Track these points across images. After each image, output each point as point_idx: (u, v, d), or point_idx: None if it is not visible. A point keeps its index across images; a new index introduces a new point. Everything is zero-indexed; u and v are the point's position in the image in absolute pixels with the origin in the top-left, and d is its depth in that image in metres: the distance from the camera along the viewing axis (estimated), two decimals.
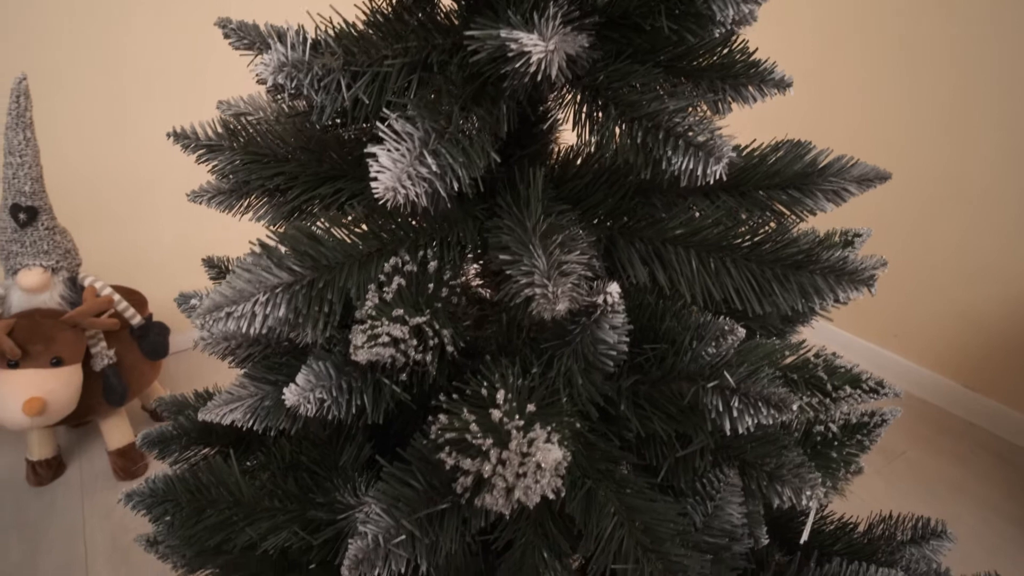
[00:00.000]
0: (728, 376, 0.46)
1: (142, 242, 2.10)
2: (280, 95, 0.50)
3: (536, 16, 0.43)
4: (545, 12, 0.43)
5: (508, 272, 0.45)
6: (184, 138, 0.59)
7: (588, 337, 0.45)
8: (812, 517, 0.49)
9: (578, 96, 0.55)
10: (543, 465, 0.35)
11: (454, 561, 0.58)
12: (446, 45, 0.52)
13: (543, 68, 0.42)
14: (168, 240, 2.13)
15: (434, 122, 0.46)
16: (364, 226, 0.50)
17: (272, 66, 0.46)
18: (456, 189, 0.46)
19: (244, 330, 0.41)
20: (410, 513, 0.47)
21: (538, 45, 0.41)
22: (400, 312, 0.43)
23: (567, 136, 0.65)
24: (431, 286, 0.47)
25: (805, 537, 0.51)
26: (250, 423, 0.53)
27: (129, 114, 1.89)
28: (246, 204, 0.62)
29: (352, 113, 0.51)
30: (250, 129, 0.58)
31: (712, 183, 0.58)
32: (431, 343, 0.46)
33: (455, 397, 0.44)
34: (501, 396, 0.40)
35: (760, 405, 0.45)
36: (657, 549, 0.48)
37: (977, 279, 1.93)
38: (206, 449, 0.67)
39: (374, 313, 0.43)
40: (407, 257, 0.48)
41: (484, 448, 0.37)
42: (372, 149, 0.44)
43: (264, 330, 0.42)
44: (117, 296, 1.59)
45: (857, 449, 0.73)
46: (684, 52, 0.53)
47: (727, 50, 0.53)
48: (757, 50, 0.56)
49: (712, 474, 0.52)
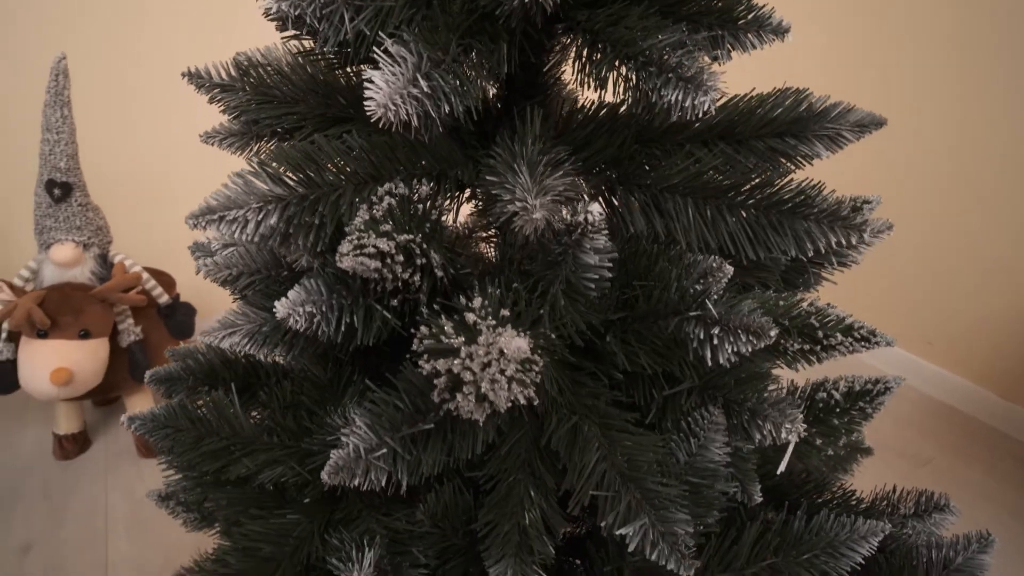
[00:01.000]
0: (710, 306, 0.46)
1: (173, 225, 2.15)
2: (285, 28, 0.52)
3: None
4: None
5: (494, 193, 0.46)
6: (198, 78, 0.61)
7: (571, 260, 0.46)
8: (790, 450, 0.49)
9: (578, 40, 0.56)
10: (505, 351, 0.36)
11: (443, 498, 0.59)
12: None
13: None
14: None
15: (431, 50, 0.47)
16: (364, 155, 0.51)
17: None
18: (449, 113, 0.48)
19: (236, 235, 0.43)
20: (392, 431, 0.48)
21: None
22: (388, 228, 0.45)
23: (574, 91, 0.66)
24: (423, 210, 0.48)
25: (782, 468, 0.51)
26: (247, 347, 0.55)
27: (165, 98, 1.93)
28: (256, 147, 0.64)
29: (355, 47, 0.52)
30: (260, 71, 0.60)
31: (708, 129, 0.59)
32: (418, 262, 0.47)
33: (436, 308, 0.45)
34: (478, 302, 0.41)
35: (740, 333, 0.45)
36: (636, 478, 0.48)
37: (1016, 288, 1.89)
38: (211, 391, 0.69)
39: (362, 227, 0.44)
40: (403, 185, 0.49)
41: (455, 346, 0.38)
42: (368, 72, 0.45)
43: (256, 238, 0.44)
44: (146, 274, 1.63)
45: (860, 417, 0.73)
46: None
47: None
48: None
49: (697, 413, 0.53)
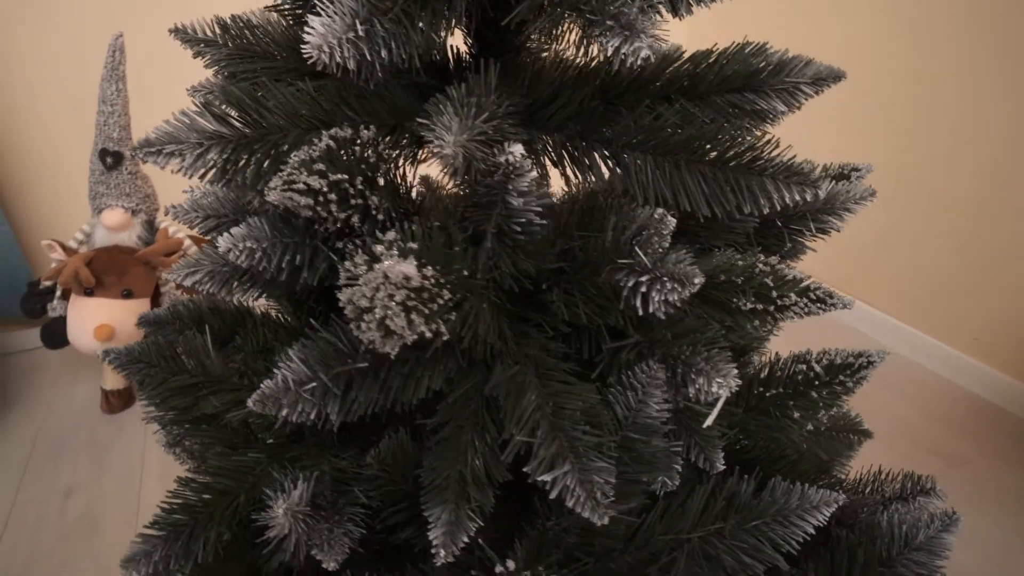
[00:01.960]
0: (640, 253, 0.46)
1: None
2: None
3: None
4: None
5: (422, 135, 0.46)
6: (183, 33, 0.64)
7: (501, 205, 0.47)
8: (720, 404, 0.48)
9: None
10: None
11: (392, 445, 0.60)
12: None
13: None
14: None
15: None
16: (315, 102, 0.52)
17: None
18: (390, 60, 0.48)
19: (176, 169, 0.44)
20: (325, 367, 0.49)
21: None
22: (322, 167, 0.46)
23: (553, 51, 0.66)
24: (364, 154, 0.49)
25: (708, 423, 0.50)
26: (208, 286, 0.57)
27: None
28: None
29: None
30: (241, 26, 0.63)
31: (668, 84, 0.58)
32: (354, 203, 0.48)
33: (358, 244, 0.46)
34: (390, 235, 0.42)
35: (666, 280, 0.45)
36: (563, 427, 0.48)
37: None
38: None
39: (296, 164, 0.45)
40: (349, 131, 0.50)
41: (358, 274, 0.39)
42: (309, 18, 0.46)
43: (193, 173, 0.45)
44: (188, 240, 1.70)
45: (841, 391, 0.71)
46: None
47: None
48: None
49: (637, 367, 0.52)
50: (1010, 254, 1.89)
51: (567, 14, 0.52)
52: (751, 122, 0.57)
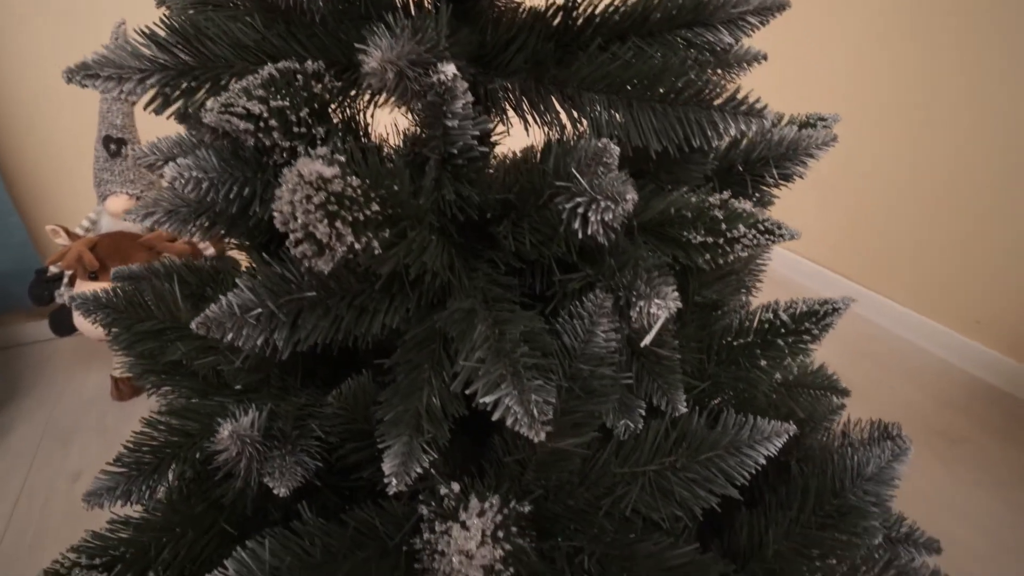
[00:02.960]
0: (576, 174, 0.46)
1: None
2: None
3: None
4: None
5: (359, 62, 0.47)
6: None
7: (439, 127, 0.47)
8: (659, 324, 0.48)
9: None
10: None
11: (352, 385, 0.61)
12: None
13: None
14: None
15: None
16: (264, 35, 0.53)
17: None
18: None
19: (112, 91, 0.46)
20: (274, 296, 0.50)
21: None
22: (262, 93, 0.47)
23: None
24: (310, 84, 0.50)
25: (647, 342, 0.50)
26: (167, 225, 0.58)
27: None
28: None
29: None
30: None
31: (620, 21, 0.58)
32: (298, 131, 0.49)
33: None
34: (322, 150, 0.42)
35: (601, 199, 0.45)
36: (505, 351, 0.49)
37: None
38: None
39: (237, 90, 0.46)
40: (295, 63, 0.51)
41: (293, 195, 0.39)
42: None
43: (133, 97, 0.46)
44: None
45: (807, 337, 0.71)
46: None
47: None
48: None
49: (584, 297, 0.53)
50: (1012, 238, 1.86)
51: None
52: (704, 57, 0.57)
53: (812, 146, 0.65)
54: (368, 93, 0.58)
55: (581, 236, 0.48)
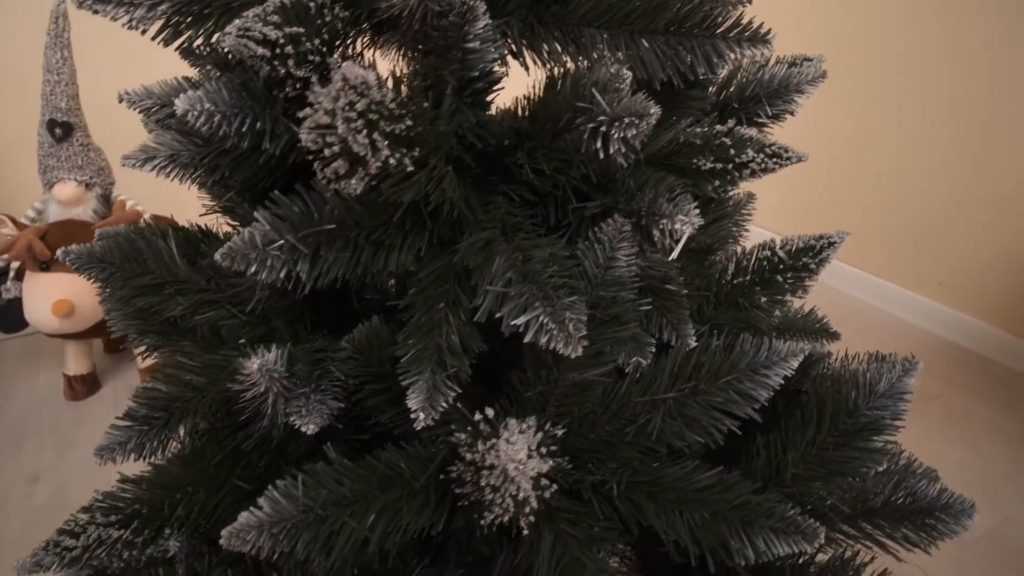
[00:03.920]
0: (597, 95, 0.47)
1: None
2: None
3: None
4: None
5: None
6: None
7: (458, 52, 0.47)
8: (684, 240, 0.49)
9: None
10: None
11: (366, 329, 0.60)
12: None
13: None
14: None
15: None
16: None
17: None
18: None
19: (121, 19, 0.44)
20: (294, 229, 0.49)
21: None
22: (277, 19, 0.46)
23: None
24: (322, 13, 0.49)
25: (673, 256, 0.51)
26: (167, 172, 0.56)
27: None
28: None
29: None
30: None
31: None
32: (312, 60, 0.48)
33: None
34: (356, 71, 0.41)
35: (624, 117, 0.46)
36: (532, 274, 0.49)
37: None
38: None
39: (252, 16, 0.45)
40: None
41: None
42: None
43: (144, 26, 0.45)
44: (147, 213, 1.67)
45: (804, 272, 0.73)
46: None
47: None
48: None
49: (603, 223, 0.53)
50: (969, 200, 1.94)
51: None
52: None
53: (803, 82, 0.67)
54: (371, 33, 0.57)
55: (602, 157, 0.48)
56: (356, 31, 0.55)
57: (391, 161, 0.41)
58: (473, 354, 0.56)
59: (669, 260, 0.51)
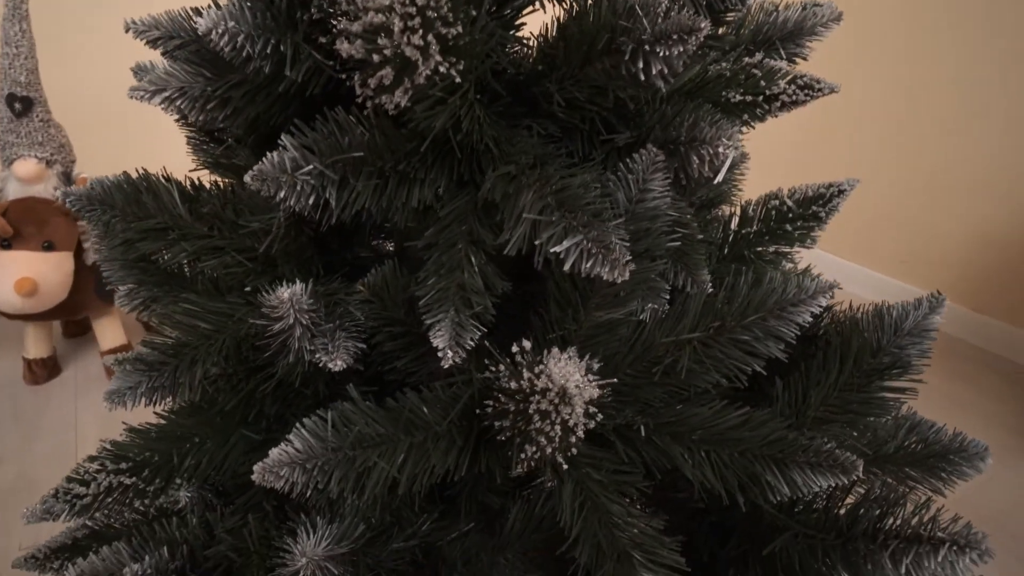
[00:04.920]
0: (639, 11, 0.45)
1: (138, 146, 2.12)
2: None
3: None
4: None
5: None
6: None
7: None
8: (728, 163, 0.48)
9: None
10: None
11: (382, 272, 0.58)
12: None
13: None
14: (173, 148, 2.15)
15: None
16: None
17: None
18: None
19: None
20: (322, 156, 0.47)
21: None
22: None
23: None
24: None
25: (719, 179, 0.50)
26: (179, 105, 0.53)
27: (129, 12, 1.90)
28: None
29: None
30: None
31: None
32: None
33: None
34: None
35: (666, 35, 0.44)
36: (569, 203, 0.48)
37: (986, 201, 1.90)
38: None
39: None
40: None
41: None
42: None
43: None
44: None
45: (813, 221, 0.73)
46: None
47: None
48: None
49: (636, 154, 0.52)
50: (932, 180, 1.98)
51: None
52: None
53: (818, 25, 0.67)
54: None
55: (642, 79, 0.47)
56: None
57: (440, 69, 0.39)
58: (496, 293, 0.54)
59: (715, 181, 0.50)
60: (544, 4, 0.56)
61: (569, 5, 0.52)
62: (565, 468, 0.53)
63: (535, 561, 0.63)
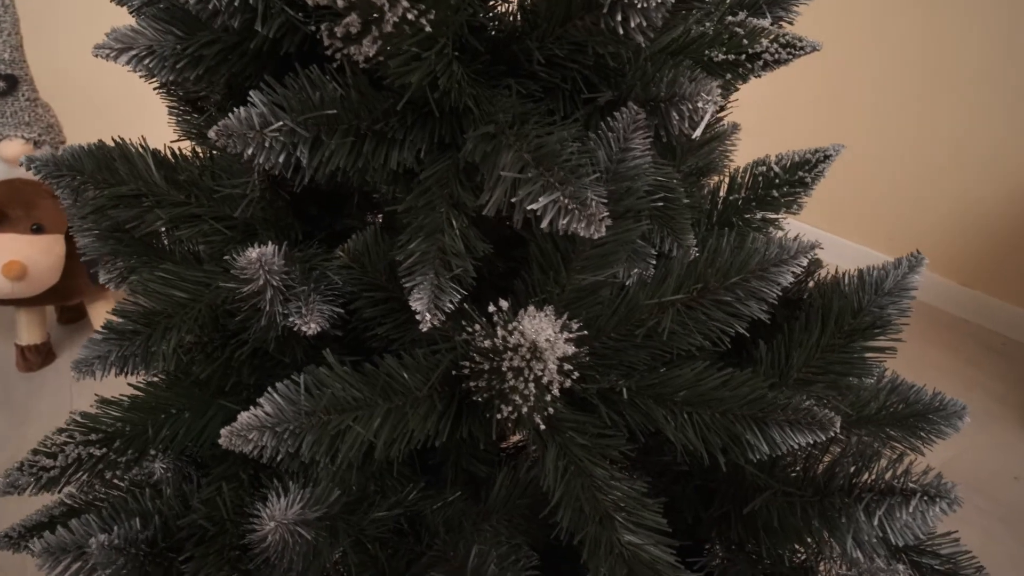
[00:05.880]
0: None
1: (127, 126, 2.11)
2: None
3: None
4: None
5: None
6: None
7: None
8: (707, 118, 0.47)
9: None
10: None
11: (363, 237, 0.57)
12: None
13: None
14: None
15: None
16: None
17: None
18: None
19: None
20: (292, 115, 0.46)
21: None
22: None
23: None
24: None
25: (697, 135, 0.49)
26: (146, 65, 0.52)
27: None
28: None
29: None
30: None
31: None
32: None
33: None
34: None
35: None
36: (546, 160, 0.47)
37: (970, 175, 1.89)
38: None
39: None
40: None
41: None
42: None
43: None
44: None
45: (799, 187, 0.72)
46: None
47: None
48: None
49: (617, 112, 0.51)
50: (919, 156, 1.97)
51: None
52: None
53: None
54: None
55: (621, 33, 0.46)
56: None
57: (408, 16, 0.38)
58: (477, 255, 0.54)
59: (694, 137, 0.49)
60: None
61: None
62: (543, 429, 0.53)
63: (520, 527, 0.62)
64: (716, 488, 0.62)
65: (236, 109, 0.44)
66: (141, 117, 2.09)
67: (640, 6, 0.44)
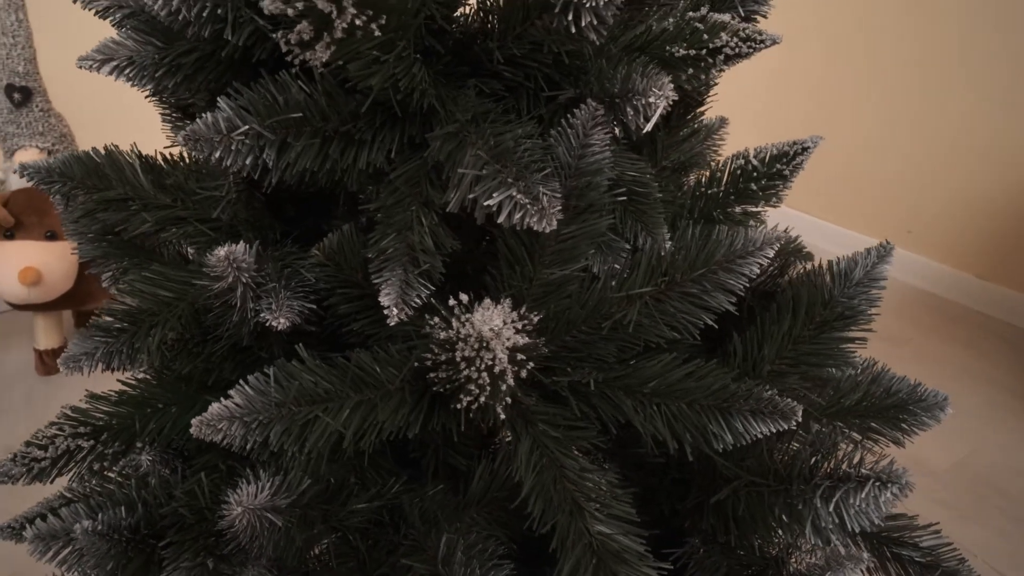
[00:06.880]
0: None
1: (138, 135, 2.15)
2: None
3: None
4: None
5: None
6: None
7: None
8: (658, 113, 0.48)
9: None
10: None
11: (338, 236, 0.59)
12: None
13: None
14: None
15: None
16: None
17: None
18: None
19: None
20: (260, 117, 0.48)
21: None
22: None
23: None
24: None
25: (648, 127, 0.50)
26: (126, 75, 0.55)
27: None
28: None
29: None
30: None
31: None
32: None
33: None
34: None
35: None
36: (502, 157, 0.48)
37: (988, 167, 1.87)
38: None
39: None
40: None
41: None
42: None
43: None
44: None
45: (778, 180, 0.72)
46: None
47: None
48: None
49: (576, 109, 0.52)
50: (938, 149, 1.96)
51: None
52: None
53: None
54: None
55: (573, 31, 0.47)
56: None
57: (357, 23, 0.40)
58: (446, 252, 0.55)
59: (644, 131, 0.50)
60: None
61: None
62: (519, 421, 0.54)
63: (499, 519, 0.64)
64: (691, 479, 0.63)
65: (203, 115, 0.46)
66: (151, 125, 2.14)
67: (590, 5, 0.46)
